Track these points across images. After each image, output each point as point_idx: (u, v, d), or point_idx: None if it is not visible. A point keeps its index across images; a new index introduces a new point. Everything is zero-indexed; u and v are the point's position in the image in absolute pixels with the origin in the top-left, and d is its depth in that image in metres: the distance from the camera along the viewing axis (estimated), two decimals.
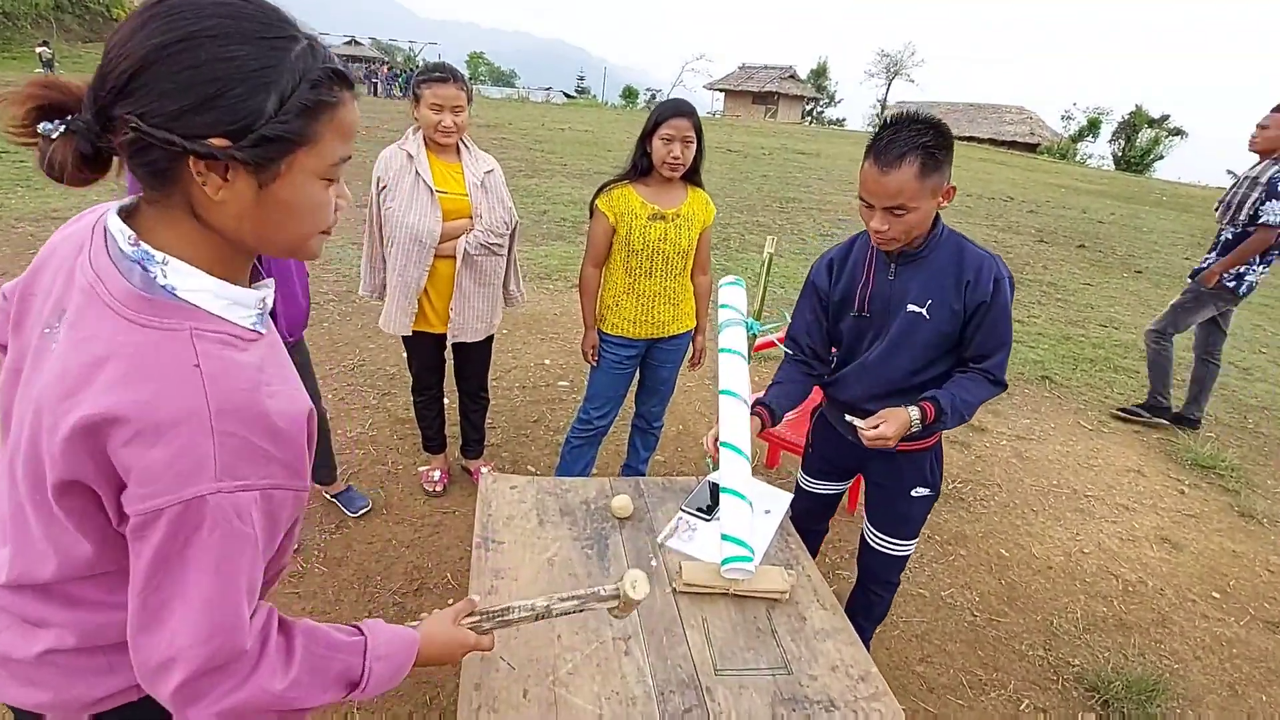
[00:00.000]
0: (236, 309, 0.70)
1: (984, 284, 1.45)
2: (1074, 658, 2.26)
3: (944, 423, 1.48)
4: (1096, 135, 41.40)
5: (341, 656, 0.80)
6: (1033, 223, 10.97)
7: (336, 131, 0.68)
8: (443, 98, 2.11)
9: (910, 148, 1.33)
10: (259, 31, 0.62)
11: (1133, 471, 3.54)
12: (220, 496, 0.63)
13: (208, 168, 0.62)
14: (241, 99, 0.61)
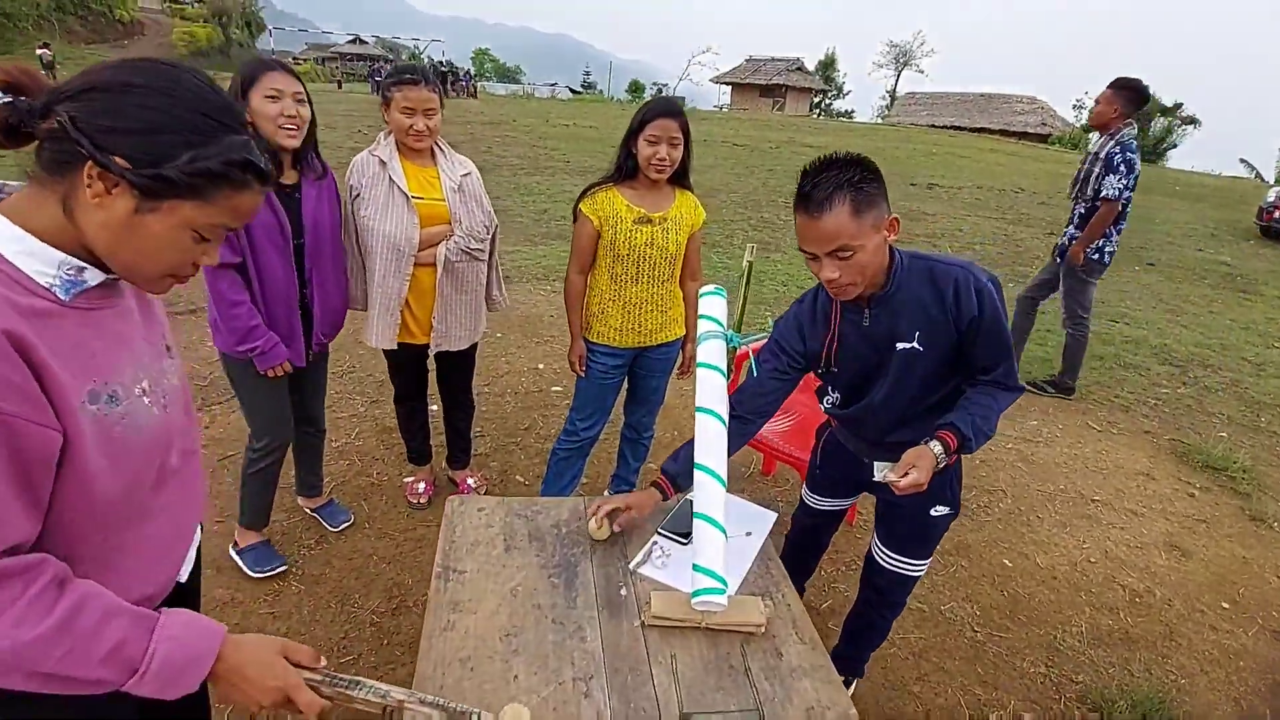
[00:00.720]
0: (29, 259, 0.74)
1: (966, 298, 1.37)
2: (1077, 675, 2.18)
3: (968, 447, 1.40)
4: None
5: (120, 624, 0.75)
6: (1044, 215, 10.77)
7: (230, 207, 0.78)
8: (414, 100, 2.04)
9: (836, 187, 1.27)
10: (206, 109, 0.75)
11: (1142, 475, 3.43)
12: None
13: (99, 177, 0.71)
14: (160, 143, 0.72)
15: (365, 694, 0.88)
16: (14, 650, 0.69)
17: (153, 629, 0.77)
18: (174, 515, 0.95)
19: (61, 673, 0.72)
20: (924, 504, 1.61)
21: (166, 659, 0.76)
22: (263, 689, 0.82)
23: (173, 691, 0.78)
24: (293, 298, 1.94)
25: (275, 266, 1.87)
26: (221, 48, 37.92)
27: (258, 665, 0.83)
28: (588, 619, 1.29)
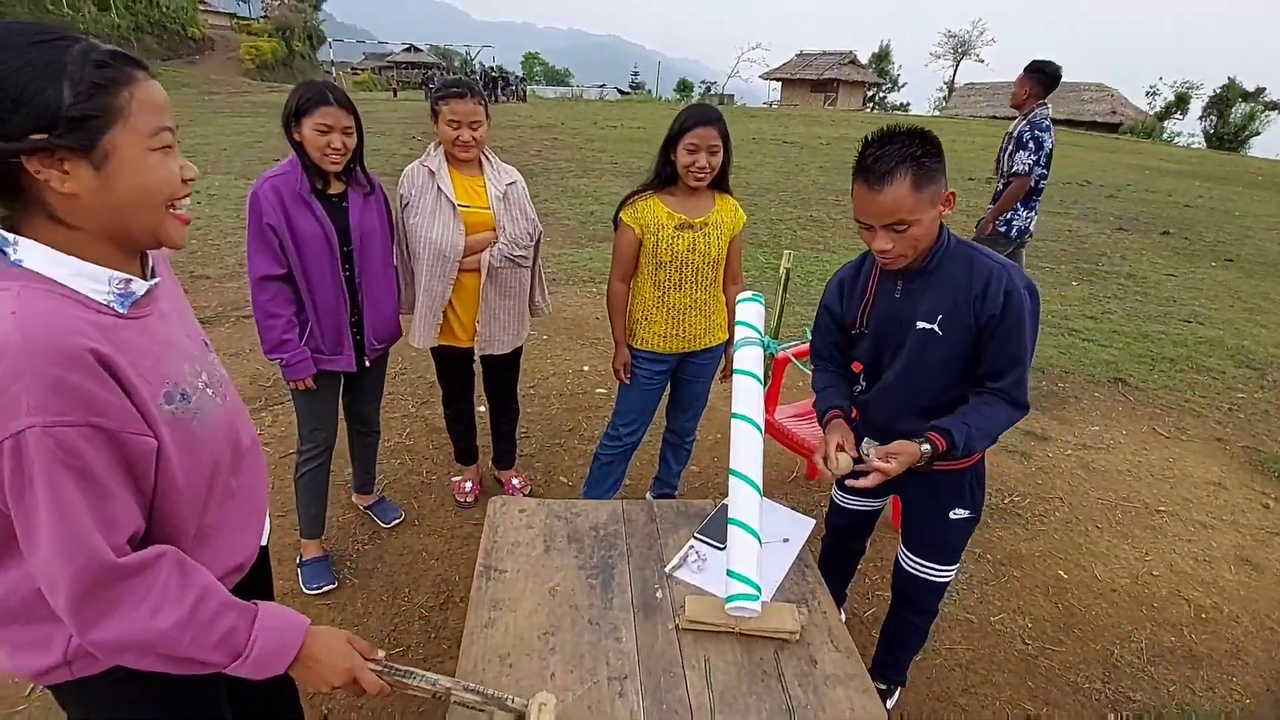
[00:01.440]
0: (82, 280, 0.77)
1: (993, 296, 1.36)
2: (1135, 692, 2.09)
3: (954, 454, 1.39)
4: (1185, 112, 38.33)
5: (232, 615, 0.85)
6: (1112, 209, 10.27)
7: (143, 104, 0.76)
8: (460, 113, 2.11)
9: (899, 161, 1.28)
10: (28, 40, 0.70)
11: (1213, 484, 3.25)
12: (38, 431, 0.69)
13: (43, 164, 0.71)
14: (37, 93, 0.69)
15: (417, 681, 1.00)
16: (154, 636, 0.79)
17: (254, 620, 0.88)
18: (251, 490, 1.05)
19: (185, 655, 0.82)
20: (942, 507, 1.60)
21: (264, 646, 0.87)
22: (335, 671, 0.94)
23: (264, 673, 0.89)
24: (341, 305, 2.03)
25: (324, 274, 1.96)
26: (285, 60, 39.67)
27: (331, 652, 0.94)
28: (623, 620, 1.32)
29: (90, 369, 0.72)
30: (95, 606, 0.75)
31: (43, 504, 0.71)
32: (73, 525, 0.72)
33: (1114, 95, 36.03)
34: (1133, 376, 4.37)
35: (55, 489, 0.71)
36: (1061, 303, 5.80)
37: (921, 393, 1.49)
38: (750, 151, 13.43)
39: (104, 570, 0.75)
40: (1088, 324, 5.30)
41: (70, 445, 0.71)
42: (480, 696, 1.01)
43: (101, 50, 0.74)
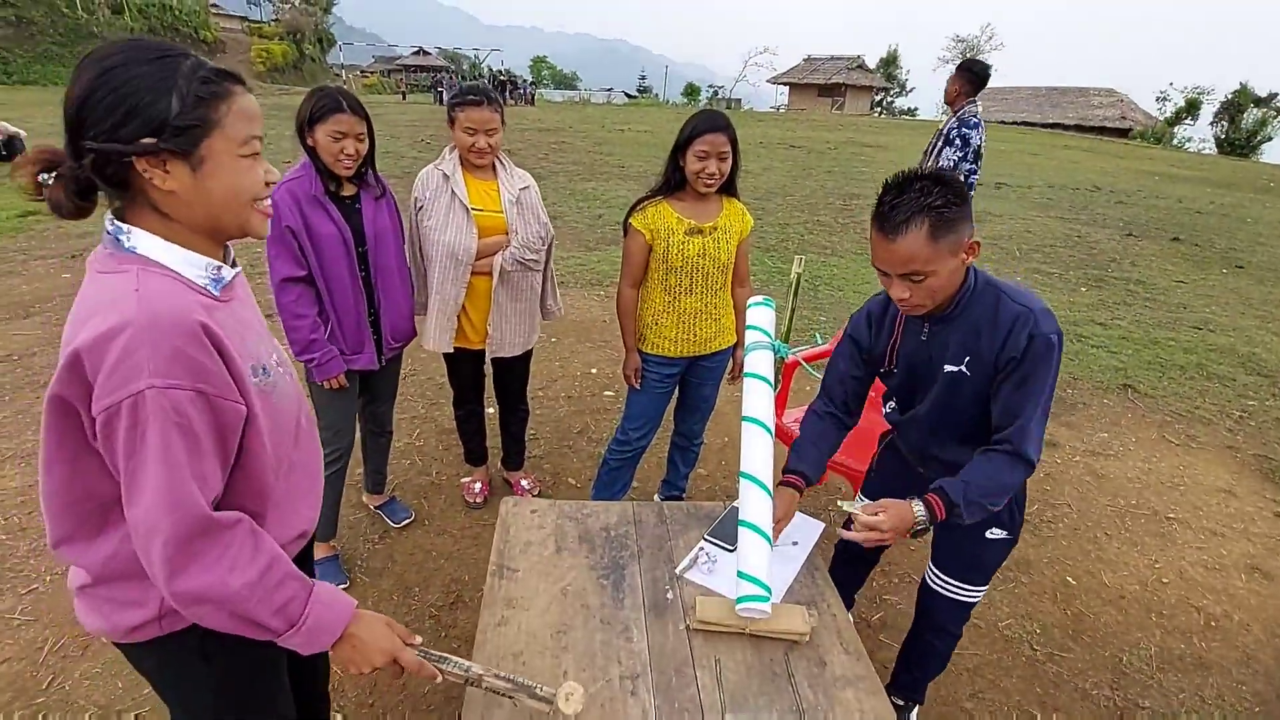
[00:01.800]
0: (187, 266, 0.87)
1: (1015, 337, 1.31)
2: (1144, 699, 2.08)
3: (959, 516, 1.34)
4: (1196, 117, 38.12)
5: (294, 585, 0.92)
6: (1121, 214, 10.22)
7: (237, 115, 0.85)
8: (476, 121, 2.13)
9: (915, 211, 1.23)
10: (153, 55, 0.81)
11: (1223, 492, 3.23)
12: (155, 392, 0.77)
13: (149, 164, 0.80)
14: (151, 104, 0.79)
15: (451, 667, 1.04)
16: (229, 593, 0.85)
17: (310, 593, 0.93)
18: (310, 465, 1.11)
19: (250, 616, 0.88)
20: (979, 525, 1.52)
21: (317, 620, 0.93)
22: (376, 651, 0.99)
23: (312, 646, 0.94)
24: (360, 305, 2.06)
25: (341, 275, 1.99)
26: (295, 63, 39.98)
27: (373, 634, 0.99)
28: (634, 620, 1.33)
29: (200, 342, 0.81)
30: (186, 554, 0.83)
31: (152, 457, 0.79)
32: (176, 477, 0.80)
33: (1124, 100, 35.89)
34: (1142, 383, 4.35)
35: (164, 444, 0.79)
36: (1070, 309, 5.78)
37: (955, 425, 1.48)
38: (758, 156, 13.44)
39: (199, 520, 0.83)
40: (1096, 330, 5.28)
41: (180, 407, 0.79)
42: (510, 684, 1.04)
43: (208, 68, 0.84)
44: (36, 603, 2.17)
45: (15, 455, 2.92)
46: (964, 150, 4.03)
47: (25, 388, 3.48)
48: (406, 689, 1.94)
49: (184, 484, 0.81)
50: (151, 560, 0.83)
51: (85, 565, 0.92)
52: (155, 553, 0.82)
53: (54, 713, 1.82)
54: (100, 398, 0.78)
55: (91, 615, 0.95)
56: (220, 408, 0.84)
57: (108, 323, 0.77)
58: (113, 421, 0.78)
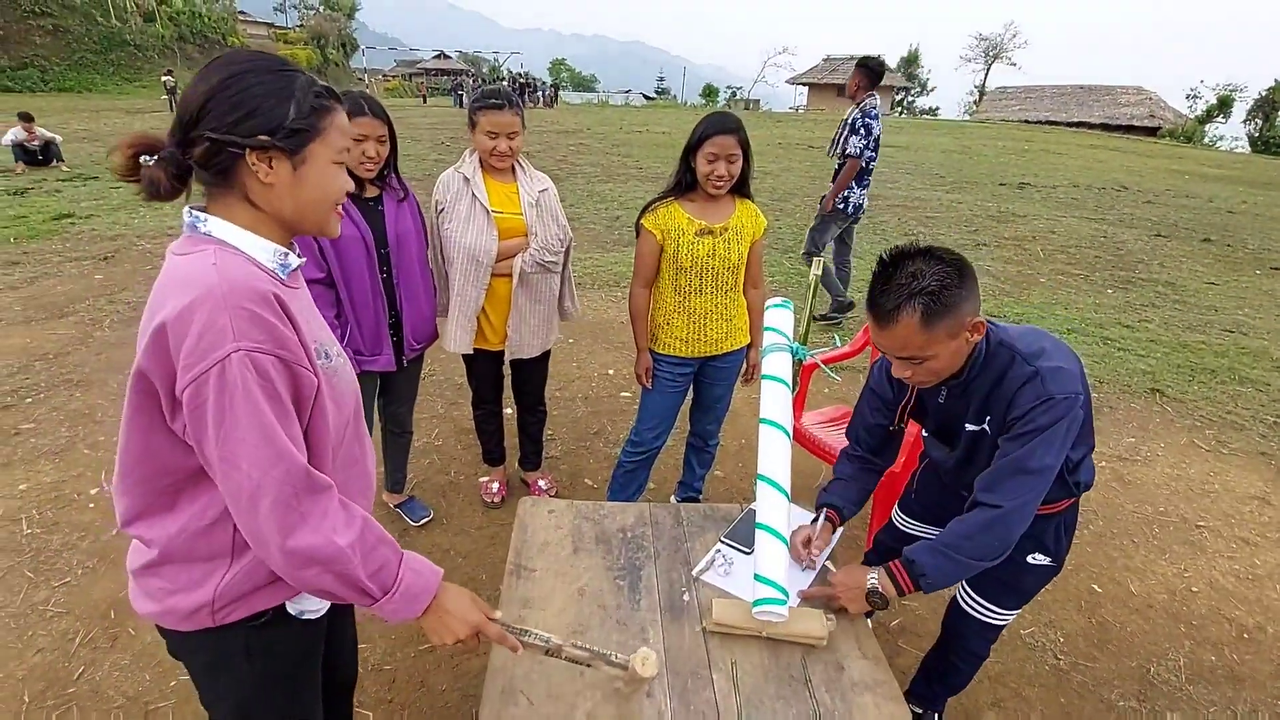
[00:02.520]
0: (258, 250, 0.92)
1: (1022, 399, 1.26)
2: (1173, 712, 2.03)
3: (925, 575, 1.30)
4: (1228, 115, 37.21)
5: (387, 549, 0.94)
6: (1149, 214, 10.01)
7: (337, 128, 0.95)
8: (498, 125, 2.15)
9: (905, 297, 1.18)
10: (276, 67, 0.91)
11: (1256, 499, 3.15)
12: (241, 354, 0.81)
13: (259, 159, 0.88)
14: (273, 108, 0.88)
15: (531, 639, 1.07)
16: (336, 551, 0.87)
17: (401, 559, 0.96)
18: (365, 463, 1.13)
19: (353, 578, 0.90)
20: (1021, 550, 1.44)
21: (409, 586, 0.95)
22: (462, 622, 1.01)
23: (404, 614, 0.96)
24: (380, 306, 2.08)
25: (362, 276, 2.02)
26: (319, 68, 40.64)
27: (460, 604, 1.02)
28: (650, 622, 1.33)
29: (275, 309, 0.86)
30: (296, 512, 0.85)
31: (245, 419, 0.82)
32: (273, 436, 0.84)
33: (1152, 98, 35.17)
34: (1171, 387, 4.25)
35: (255, 406, 0.82)
36: (1096, 310, 5.68)
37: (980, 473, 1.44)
38: (776, 157, 13.38)
39: (303, 476, 0.86)
40: (1123, 333, 5.18)
41: (264, 369, 0.83)
42: (589, 653, 1.08)
43: (319, 85, 0.93)
44: (69, 595, 2.22)
45: (50, 452, 3.00)
46: (867, 138, 4.47)
47: (60, 386, 3.57)
48: (425, 685, 1.96)
49: (280, 442, 0.84)
50: (260, 524, 0.84)
51: (153, 539, 0.94)
52: (263, 513, 0.84)
53: (84, 703, 1.86)
54: (188, 369, 0.81)
55: (147, 600, 0.98)
56: (298, 374, 0.88)
57: (191, 294, 0.82)
58: (202, 390, 0.81)
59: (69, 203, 7.65)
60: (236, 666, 1.03)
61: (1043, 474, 1.26)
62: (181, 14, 33.65)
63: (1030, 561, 1.50)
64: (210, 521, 0.93)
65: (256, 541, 0.87)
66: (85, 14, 28.93)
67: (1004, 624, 1.61)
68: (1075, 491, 1.46)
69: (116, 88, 27.89)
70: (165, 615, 0.97)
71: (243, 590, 0.96)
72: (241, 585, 0.96)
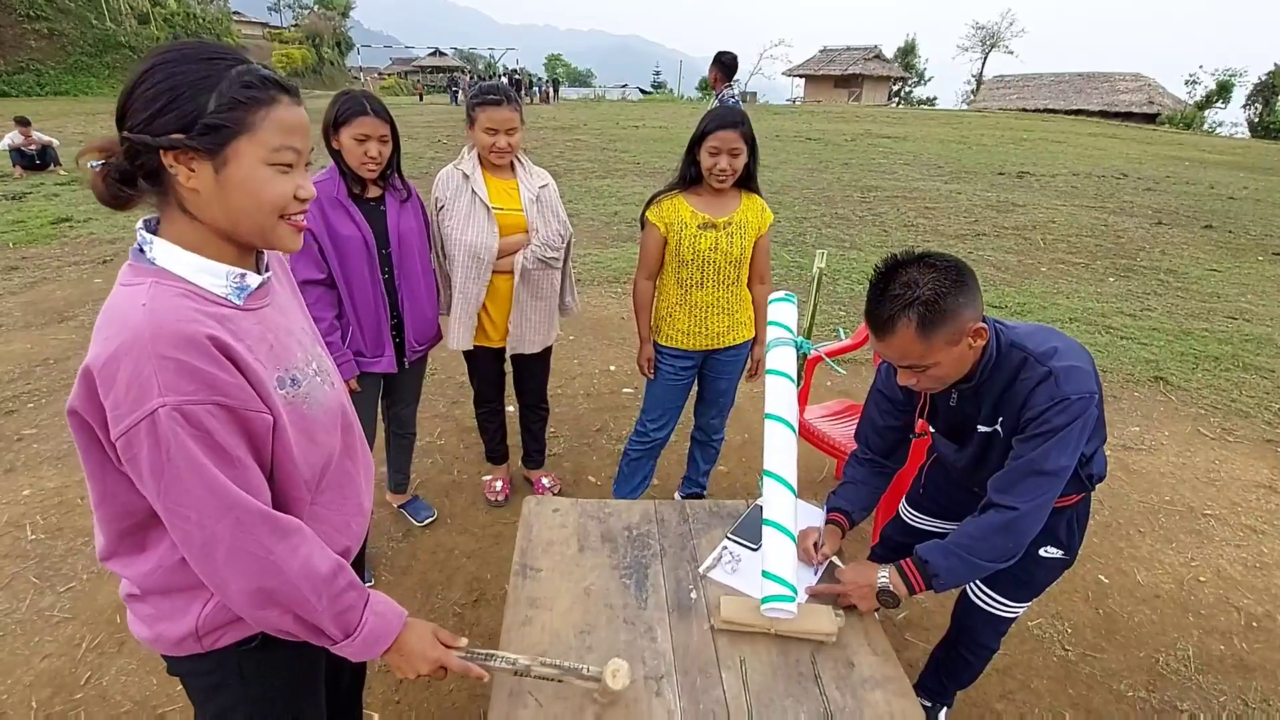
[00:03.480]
0: (204, 275, 0.85)
1: (1036, 398, 1.25)
2: (1183, 701, 2.03)
3: (938, 575, 1.30)
4: (1228, 100, 37.00)
5: (353, 595, 0.93)
6: (1150, 202, 9.97)
7: (273, 123, 0.82)
8: (497, 121, 2.13)
9: (902, 307, 1.17)
10: (200, 56, 0.80)
11: (1263, 487, 3.14)
12: (168, 410, 0.76)
13: (176, 160, 0.79)
14: (188, 100, 0.78)
15: (498, 663, 1.06)
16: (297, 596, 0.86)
17: (366, 603, 0.94)
18: (356, 479, 1.10)
19: (313, 621, 0.89)
20: (1034, 543, 1.42)
21: (371, 629, 0.94)
22: (423, 659, 1.00)
23: (364, 655, 0.95)
24: (381, 308, 2.07)
25: (363, 277, 2.00)
26: (315, 67, 40.53)
27: (421, 643, 1.00)
28: (658, 620, 1.32)
29: (209, 354, 0.79)
30: (254, 557, 0.83)
31: (184, 473, 0.78)
32: (216, 487, 0.80)
33: (1151, 85, 35.01)
34: (1174, 375, 4.24)
35: (192, 458, 0.78)
36: (1098, 300, 5.66)
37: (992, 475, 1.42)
38: (773, 150, 13.33)
39: (258, 522, 0.83)
40: (1126, 321, 5.16)
41: (198, 420, 0.78)
42: (558, 669, 1.07)
43: (257, 74, 0.82)
44: (75, 600, 2.22)
45: (53, 457, 2.99)
46: None
47: (61, 391, 3.56)
48: (432, 686, 1.95)
49: (225, 490, 0.80)
50: (216, 570, 0.82)
51: (130, 577, 0.93)
52: (220, 561, 0.81)
53: (91, 708, 1.86)
54: (116, 421, 0.77)
55: (139, 625, 0.97)
56: (245, 417, 0.83)
57: (115, 340, 0.76)
58: (133, 443, 0.77)
59: (67, 207, 7.62)
60: (232, 689, 1.01)
61: (1058, 475, 1.25)
62: (176, 15, 33.54)
63: (1043, 555, 1.49)
64: (183, 557, 0.89)
65: (214, 586, 0.85)
66: (80, 17, 28.82)
67: (1014, 616, 1.60)
68: (1088, 485, 1.45)
69: (113, 90, 27.78)
70: (156, 641, 0.96)
71: (228, 618, 0.94)
72: (225, 613, 0.93)
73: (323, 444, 0.98)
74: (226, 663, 0.98)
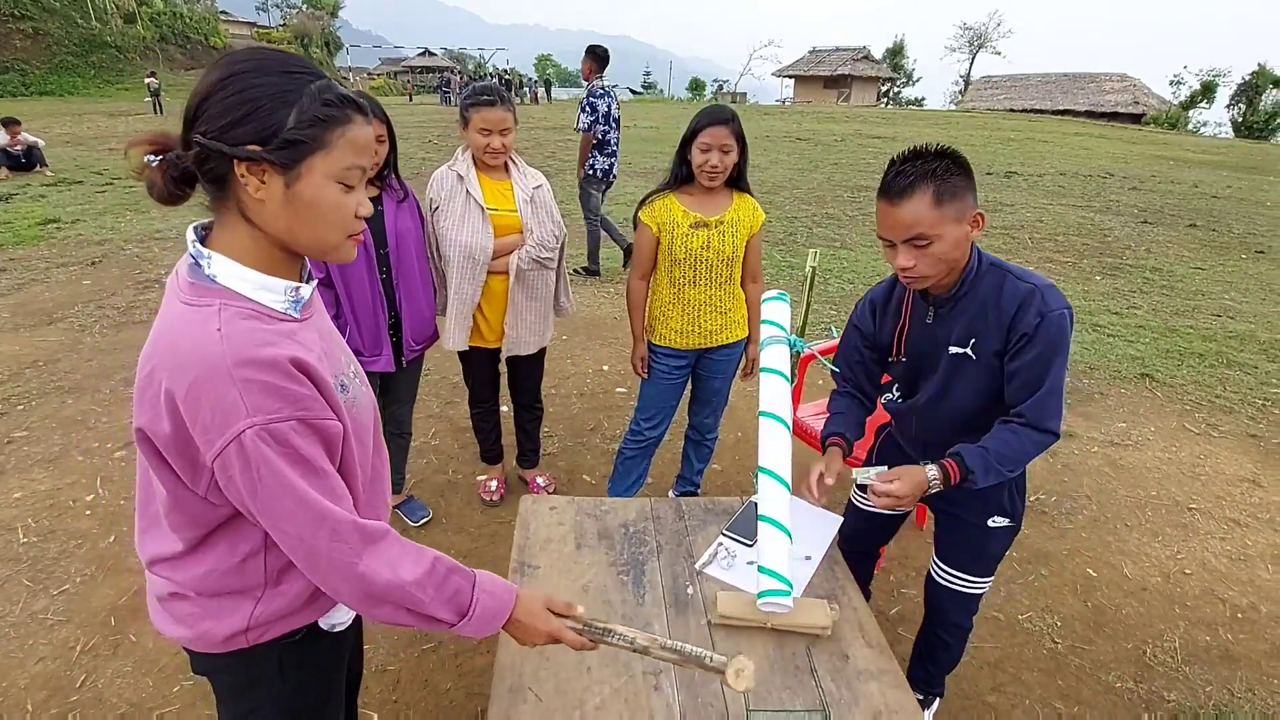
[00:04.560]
0: (264, 293, 0.86)
1: (1024, 316, 1.32)
2: (1170, 692, 2.06)
3: (973, 482, 1.36)
4: (1212, 101, 37.44)
5: (458, 578, 0.94)
6: (1136, 201, 10.09)
7: (347, 142, 0.84)
8: (491, 121, 2.14)
9: (920, 176, 1.28)
10: (282, 68, 0.81)
11: (1246, 481, 3.19)
12: (255, 430, 0.78)
13: (248, 170, 0.80)
14: (268, 114, 0.79)
15: (615, 640, 1.04)
16: (405, 591, 0.88)
17: (474, 583, 0.96)
18: (384, 471, 1.13)
19: (425, 611, 0.91)
20: (980, 515, 1.55)
21: (484, 608, 0.96)
22: (538, 633, 1.01)
23: (483, 632, 0.97)
24: (379, 307, 2.07)
25: (360, 277, 2.01)
26: None
27: (533, 615, 1.01)
28: (655, 616, 1.34)
29: (289, 372, 0.81)
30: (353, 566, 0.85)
31: (276, 491, 0.80)
32: (308, 501, 0.82)
33: (1136, 85, 35.41)
34: (1160, 372, 4.30)
35: (281, 476, 0.80)
36: (1085, 298, 5.72)
37: (955, 413, 1.48)
38: (764, 149, 13.40)
39: (350, 532, 0.85)
40: (1113, 319, 5.23)
41: (284, 438, 0.80)
42: (678, 655, 1.03)
43: (336, 92, 0.83)
44: (69, 603, 2.21)
45: (44, 459, 2.98)
46: (593, 115, 5.22)
47: (51, 393, 3.54)
48: (429, 685, 1.96)
49: (317, 504, 0.82)
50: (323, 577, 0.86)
51: (181, 581, 0.93)
52: (323, 569, 0.85)
53: (87, 711, 1.85)
54: (207, 445, 0.79)
55: (175, 624, 0.96)
56: (323, 427, 0.85)
57: (194, 368, 0.78)
58: (227, 465, 0.79)
59: (54, 208, 7.56)
60: (269, 683, 1.02)
61: (1062, 386, 1.36)
62: (163, 14, 33.25)
63: (991, 525, 1.56)
64: (241, 558, 0.91)
65: (327, 590, 0.88)
66: (65, 16, 28.53)
67: (979, 593, 1.66)
68: None
69: (99, 90, 27.55)
70: (198, 640, 0.95)
71: (279, 614, 0.96)
72: (277, 610, 0.95)
73: (365, 444, 1.00)
74: (267, 657, 0.99)
